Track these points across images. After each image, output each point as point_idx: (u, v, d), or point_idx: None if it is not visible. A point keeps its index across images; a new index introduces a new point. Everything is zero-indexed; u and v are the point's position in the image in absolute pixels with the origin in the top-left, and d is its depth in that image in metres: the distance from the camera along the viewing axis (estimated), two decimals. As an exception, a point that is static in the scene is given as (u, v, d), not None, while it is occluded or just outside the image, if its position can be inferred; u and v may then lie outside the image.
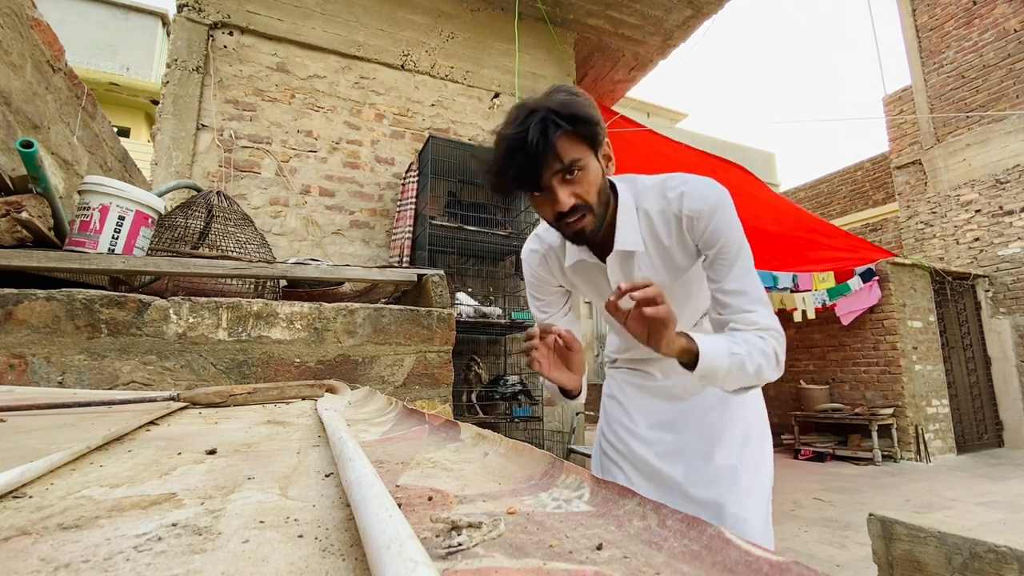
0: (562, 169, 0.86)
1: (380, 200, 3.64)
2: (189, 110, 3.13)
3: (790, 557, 0.22)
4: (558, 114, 0.83)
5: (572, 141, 0.86)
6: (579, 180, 0.87)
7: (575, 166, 0.86)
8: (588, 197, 0.89)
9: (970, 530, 0.51)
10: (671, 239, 0.97)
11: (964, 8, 7.24)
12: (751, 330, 0.91)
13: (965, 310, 6.64)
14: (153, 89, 10.72)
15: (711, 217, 0.92)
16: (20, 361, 1.04)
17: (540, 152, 0.83)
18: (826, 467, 5.39)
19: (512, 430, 3.51)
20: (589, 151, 0.88)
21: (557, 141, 0.83)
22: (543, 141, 0.82)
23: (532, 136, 0.81)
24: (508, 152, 0.85)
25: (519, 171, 0.85)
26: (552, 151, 0.83)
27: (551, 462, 0.42)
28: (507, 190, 0.92)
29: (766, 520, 1.07)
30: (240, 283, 1.56)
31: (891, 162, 8.22)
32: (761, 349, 0.89)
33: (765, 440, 1.12)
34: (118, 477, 0.40)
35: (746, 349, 0.88)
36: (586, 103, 0.87)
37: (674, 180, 0.97)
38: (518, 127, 0.83)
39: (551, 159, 0.84)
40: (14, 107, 1.37)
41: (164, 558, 0.25)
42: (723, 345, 0.88)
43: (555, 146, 0.83)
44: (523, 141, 0.82)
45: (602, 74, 5.06)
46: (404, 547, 0.20)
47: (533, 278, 1.15)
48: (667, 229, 0.97)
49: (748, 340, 0.89)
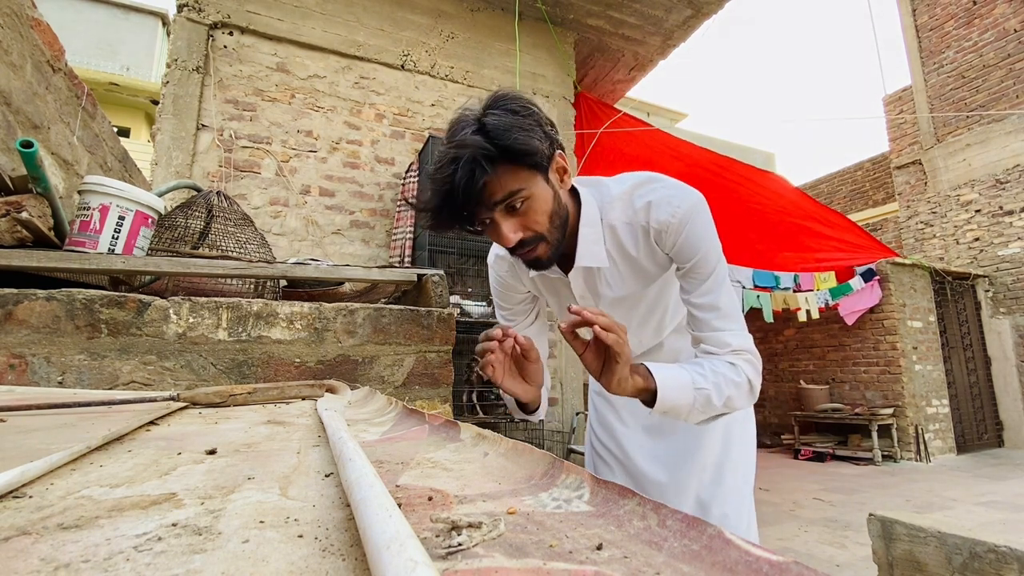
0: (500, 203, 0.78)
1: (380, 200, 3.64)
2: (189, 110, 3.13)
3: (790, 557, 0.22)
4: (487, 151, 0.74)
5: (511, 172, 0.77)
6: (524, 211, 0.80)
7: (515, 198, 0.78)
8: (537, 227, 0.81)
9: (970, 530, 0.51)
10: (639, 251, 0.90)
11: (964, 8, 7.24)
12: (724, 353, 0.85)
13: (965, 310, 6.64)
14: (153, 89, 10.72)
15: (680, 230, 0.84)
16: (20, 361, 1.04)
17: (470, 194, 0.75)
18: (826, 467, 5.39)
19: (512, 430, 3.51)
20: (534, 175, 0.80)
21: (489, 181, 0.75)
22: (471, 184, 0.74)
23: (459, 179, 0.74)
24: (438, 194, 0.78)
25: (451, 213, 0.79)
26: (484, 191, 0.76)
27: (551, 462, 0.42)
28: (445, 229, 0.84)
29: (751, 518, 1.07)
30: (240, 283, 1.56)
31: (891, 162, 8.23)
32: (732, 380, 0.83)
33: (747, 438, 1.11)
34: (118, 477, 0.40)
35: (714, 381, 0.82)
36: (524, 126, 0.76)
37: (642, 189, 0.88)
38: (447, 168, 0.75)
39: (484, 198, 0.77)
40: (14, 107, 1.37)
41: (164, 558, 0.25)
42: (686, 379, 0.82)
43: (486, 186, 0.76)
44: (450, 187, 0.75)
45: (602, 74, 5.06)
46: (404, 547, 0.20)
47: (499, 285, 1.09)
48: (634, 241, 0.90)
49: (717, 370, 0.83)
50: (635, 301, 0.98)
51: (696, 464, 1.05)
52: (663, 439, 1.10)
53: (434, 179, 0.78)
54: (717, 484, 1.05)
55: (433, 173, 0.79)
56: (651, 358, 1.08)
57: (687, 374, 0.83)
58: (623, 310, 0.99)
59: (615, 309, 0.98)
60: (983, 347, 6.67)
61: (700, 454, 1.06)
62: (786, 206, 4.77)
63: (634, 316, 1.01)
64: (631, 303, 0.98)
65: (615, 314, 0.96)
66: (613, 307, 0.98)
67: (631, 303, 0.98)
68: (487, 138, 0.74)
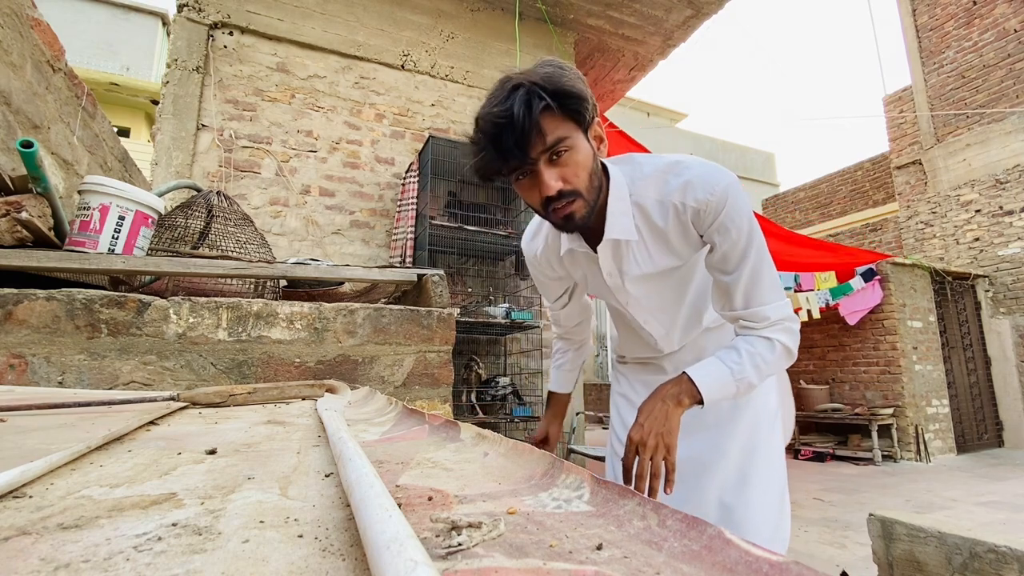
0: (547, 149, 0.79)
1: (380, 200, 3.64)
2: (189, 110, 3.13)
3: (790, 557, 0.22)
4: (543, 88, 0.76)
5: (558, 118, 0.79)
6: (566, 162, 0.80)
7: (561, 146, 0.79)
8: (576, 181, 0.82)
9: (970, 530, 0.51)
10: (668, 225, 0.90)
11: (964, 8, 7.24)
12: (762, 327, 0.88)
13: (965, 310, 6.64)
14: (153, 89, 10.72)
15: (719, 209, 0.85)
16: (20, 361, 1.04)
17: (525, 127, 0.76)
18: (826, 467, 5.39)
19: (512, 430, 3.51)
20: (577, 130, 0.81)
21: (541, 117, 0.77)
22: (527, 115, 0.75)
23: (517, 111, 0.75)
24: (491, 129, 0.78)
25: (503, 149, 0.78)
26: (536, 127, 0.77)
27: (551, 462, 0.42)
28: (491, 172, 0.84)
29: (778, 522, 1.04)
30: (240, 283, 1.56)
31: (891, 162, 8.22)
32: (767, 358, 0.87)
33: (774, 438, 1.09)
34: (118, 477, 0.40)
35: (752, 364, 0.87)
36: (573, 76, 0.80)
37: (677, 167, 0.89)
38: (501, 103, 0.77)
39: (535, 136, 0.77)
40: (14, 107, 1.37)
41: (164, 558, 0.25)
42: (726, 375, 0.87)
43: (539, 122, 0.77)
44: (506, 116, 0.76)
45: (602, 74, 5.06)
46: (404, 547, 0.20)
47: (535, 268, 1.14)
48: (664, 217, 0.90)
49: (753, 351, 0.87)
50: (662, 279, 0.98)
51: (719, 470, 1.04)
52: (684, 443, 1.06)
53: (489, 114, 0.78)
54: (740, 489, 1.03)
55: (488, 109, 0.79)
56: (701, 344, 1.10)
57: (726, 369, 0.87)
58: (649, 287, 0.99)
59: (640, 286, 0.99)
60: (983, 347, 6.67)
61: (723, 462, 1.05)
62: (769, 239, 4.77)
63: (660, 294, 1.01)
64: (658, 281, 0.98)
65: (640, 292, 0.99)
66: (638, 284, 0.98)
67: (658, 281, 0.98)
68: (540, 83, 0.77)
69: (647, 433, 0.83)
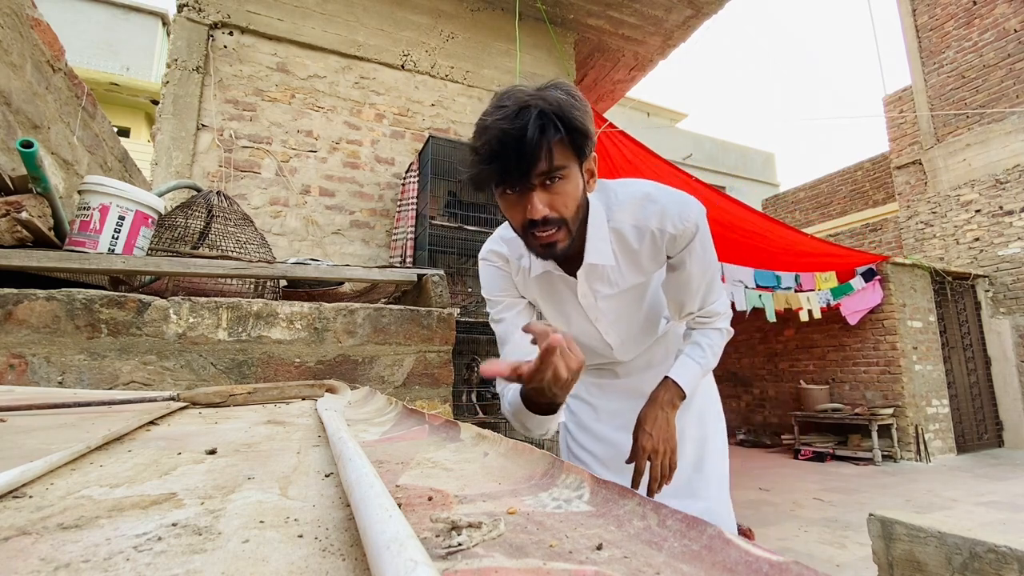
0: (544, 173, 0.80)
1: (380, 200, 3.64)
2: (189, 110, 3.13)
3: (790, 557, 0.22)
4: (558, 116, 0.77)
5: (563, 148, 0.80)
6: (559, 190, 0.82)
7: (559, 174, 0.81)
8: (564, 210, 0.83)
9: (970, 530, 0.51)
10: (642, 247, 0.96)
11: (964, 8, 7.24)
12: (715, 320, 1.07)
13: (965, 310, 6.64)
14: (153, 89, 10.71)
15: (693, 234, 0.95)
16: (20, 361, 1.04)
17: (533, 151, 0.76)
18: (826, 467, 5.39)
19: (512, 430, 3.51)
20: (575, 161, 0.83)
21: (543, 142, 0.77)
22: (538, 140, 0.76)
23: (530, 133, 0.75)
24: (497, 144, 0.77)
25: (505, 165, 0.79)
26: (544, 153, 0.78)
27: (551, 462, 0.42)
28: (484, 182, 0.84)
29: (729, 506, 1.15)
30: (240, 283, 1.56)
31: (891, 162, 8.23)
32: (719, 343, 1.07)
33: (720, 426, 1.21)
34: (118, 477, 0.40)
35: (713, 353, 1.06)
36: (584, 110, 0.82)
37: (651, 196, 0.95)
38: (512, 120, 0.77)
39: (535, 159, 0.78)
40: (14, 107, 1.37)
41: (164, 558, 0.25)
42: (697, 370, 1.04)
43: (544, 147, 0.77)
44: (516, 135, 0.76)
45: (602, 74, 5.06)
46: (404, 547, 0.20)
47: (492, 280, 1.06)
48: (640, 240, 0.96)
49: (713, 344, 1.07)
50: (626, 295, 1.05)
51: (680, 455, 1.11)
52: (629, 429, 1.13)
53: (499, 128, 0.77)
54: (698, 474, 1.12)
55: (498, 122, 0.78)
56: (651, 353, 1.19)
57: (696, 364, 1.04)
58: (618, 304, 1.05)
59: (611, 303, 1.04)
60: (983, 347, 6.67)
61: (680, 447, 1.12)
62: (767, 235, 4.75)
63: (626, 307, 1.07)
64: (628, 299, 1.05)
65: (610, 309, 1.05)
66: (609, 302, 1.03)
67: (628, 299, 1.05)
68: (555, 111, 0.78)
69: (657, 440, 0.96)
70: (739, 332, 6.69)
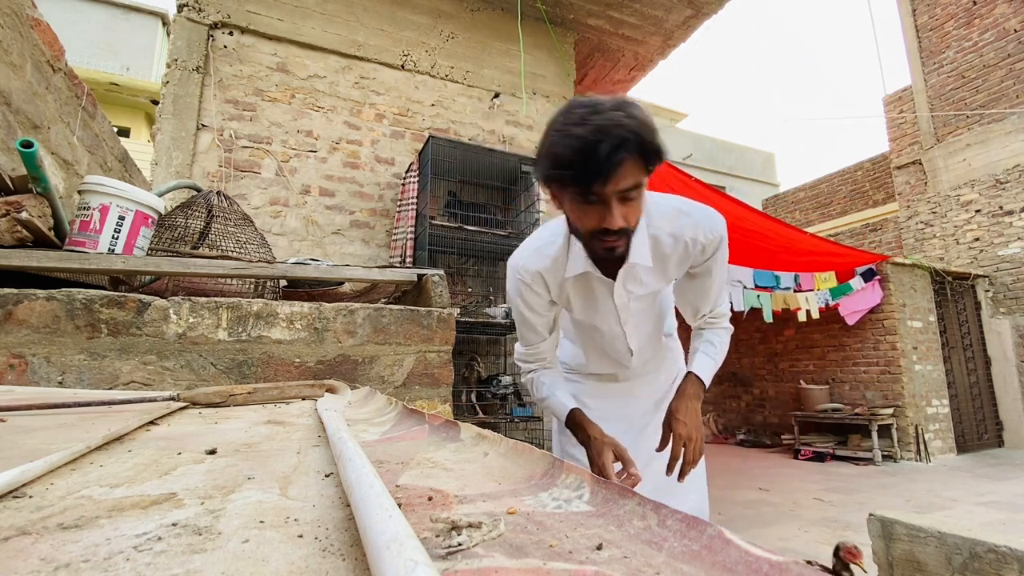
0: (623, 189, 0.86)
1: (380, 200, 3.64)
2: (189, 110, 3.13)
3: (790, 557, 0.22)
4: (643, 137, 0.82)
5: (640, 166, 0.86)
6: (633, 204, 0.89)
7: (635, 191, 0.87)
8: (633, 222, 0.91)
9: (970, 530, 0.51)
10: (673, 254, 1.06)
11: (964, 8, 7.24)
12: (720, 321, 1.19)
13: (965, 310, 6.63)
14: (153, 89, 10.71)
15: (719, 244, 1.07)
16: (20, 361, 1.04)
17: (615, 165, 0.82)
18: (826, 467, 5.38)
19: (512, 430, 3.51)
20: (646, 177, 0.89)
21: (628, 162, 0.83)
22: (624, 157, 0.81)
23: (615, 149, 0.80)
24: (579, 152, 0.82)
25: (586, 172, 0.84)
26: (626, 169, 0.83)
27: (551, 462, 0.42)
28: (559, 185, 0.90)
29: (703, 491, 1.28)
30: (240, 283, 1.56)
31: (891, 162, 8.22)
32: (726, 340, 1.20)
33: None
34: (118, 477, 0.40)
35: (722, 350, 1.18)
36: (657, 132, 0.86)
37: (684, 209, 1.06)
38: (596, 133, 0.81)
39: (620, 177, 0.84)
40: (14, 107, 1.37)
41: (164, 558, 0.25)
42: (712, 365, 1.16)
43: (628, 166, 0.83)
44: (602, 147, 0.80)
45: (602, 74, 5.06)
46: (404, 547, 0.20)
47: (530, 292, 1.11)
48: (673, 247, 1.05)
49: (723, 341, 1.19)
50: (652, 298, 1.17)
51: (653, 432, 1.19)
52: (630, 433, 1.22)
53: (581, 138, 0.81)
54: None
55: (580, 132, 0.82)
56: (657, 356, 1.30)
57: (712, 360, 1.16)
58: (643, 304, 1.15)
59: (640, 303, 1.14)
60: (983, 347, 6.67)
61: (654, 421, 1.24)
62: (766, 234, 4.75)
63: (645, 316, 1.18)
64: (646, 303, 1.16)
65: (637, 311, 1.16)
66: (639, 302, 1.13)
67: (646, 303, 1.16)
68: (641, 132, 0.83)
69: (691, 428, 1.07)
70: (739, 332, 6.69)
